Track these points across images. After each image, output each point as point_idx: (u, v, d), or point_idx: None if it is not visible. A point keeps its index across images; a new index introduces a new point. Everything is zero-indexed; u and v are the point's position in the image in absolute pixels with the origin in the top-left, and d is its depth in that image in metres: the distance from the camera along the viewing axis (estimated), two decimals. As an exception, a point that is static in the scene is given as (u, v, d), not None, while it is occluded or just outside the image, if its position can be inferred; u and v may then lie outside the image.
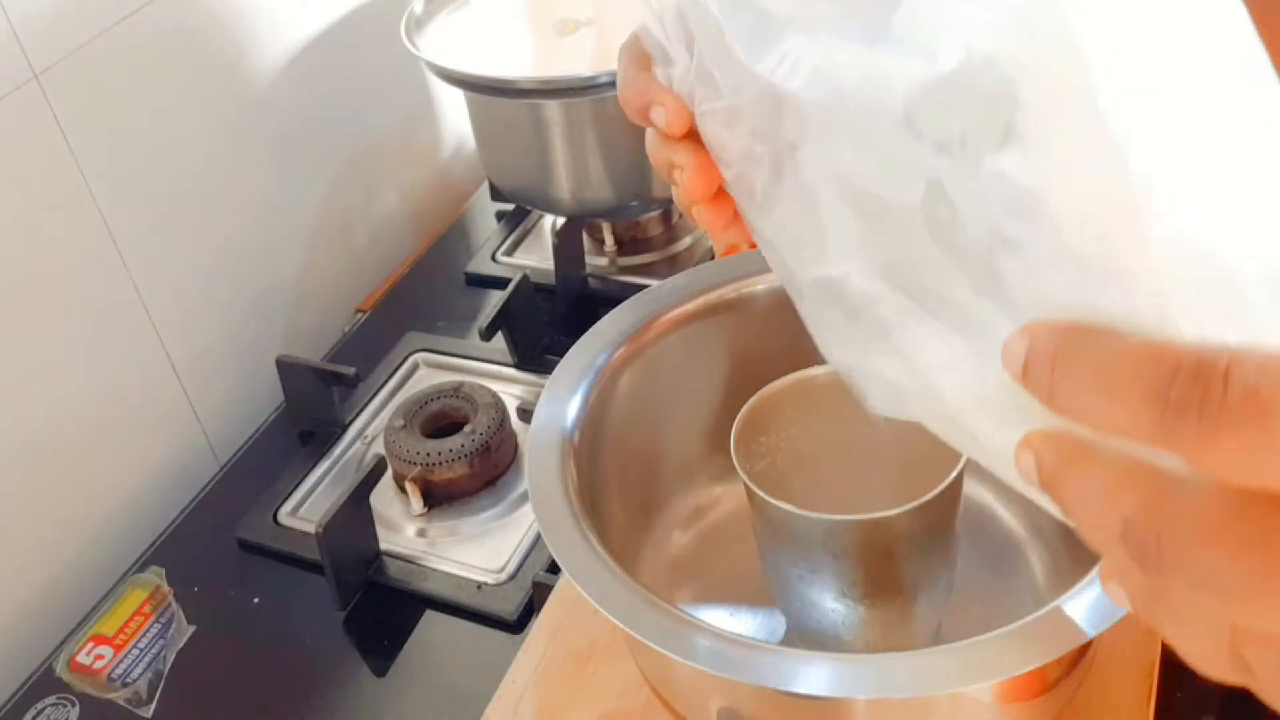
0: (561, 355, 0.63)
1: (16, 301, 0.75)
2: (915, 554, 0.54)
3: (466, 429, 0.80)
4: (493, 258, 1.03)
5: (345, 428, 0.88)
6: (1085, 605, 0.47)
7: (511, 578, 0.74)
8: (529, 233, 1.06)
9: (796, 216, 0.35)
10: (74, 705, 0.71)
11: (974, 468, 0.57)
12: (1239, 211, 0.24)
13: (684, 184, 0.40)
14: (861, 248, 0.33)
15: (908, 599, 0.56)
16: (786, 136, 0.34)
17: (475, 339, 0.90)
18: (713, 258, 0.90)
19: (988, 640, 0.46)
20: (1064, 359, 0.25)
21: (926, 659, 0.46)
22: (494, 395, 0.83)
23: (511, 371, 0.90)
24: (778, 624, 0.62)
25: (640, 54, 0.42)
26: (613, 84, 0.86)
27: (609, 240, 1.00)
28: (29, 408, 0.76)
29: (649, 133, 0.42)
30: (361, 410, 0.89)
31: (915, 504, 0.51)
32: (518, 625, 0.71)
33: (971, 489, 0.64)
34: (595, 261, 1.00)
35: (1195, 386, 0.22)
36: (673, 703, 0.57)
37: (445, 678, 0.70)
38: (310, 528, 0.76)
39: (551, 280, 0.95)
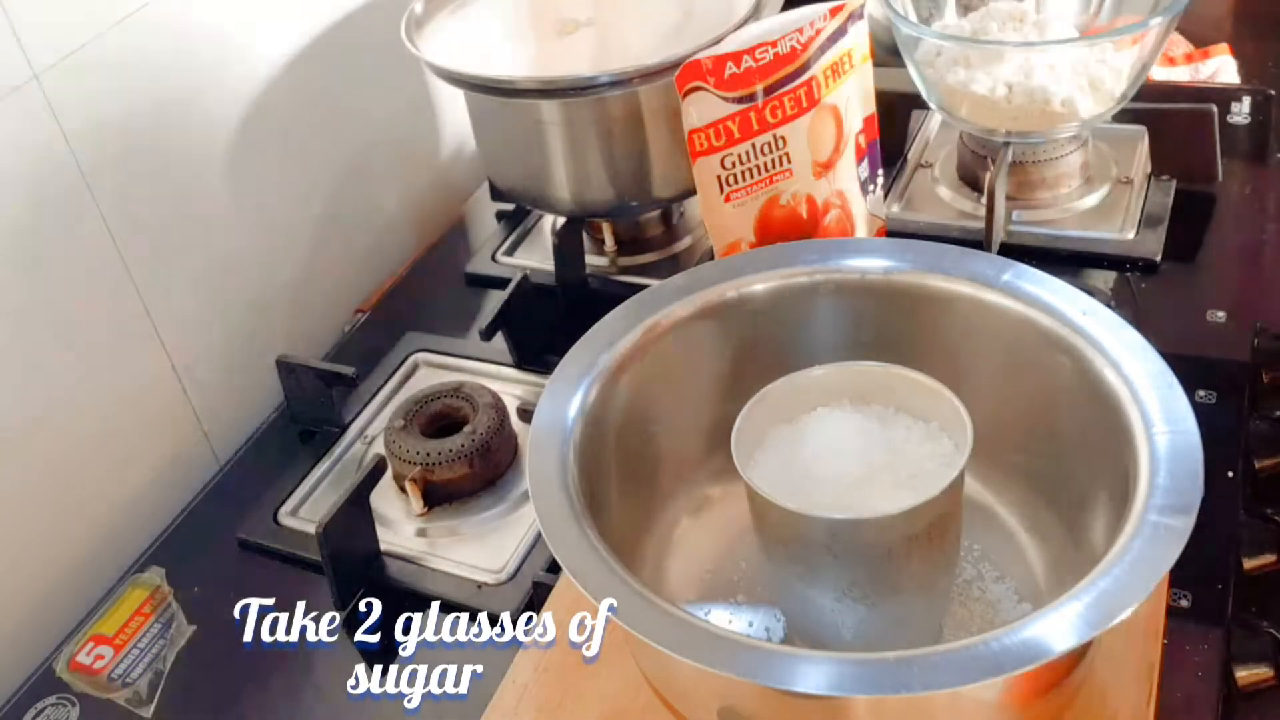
0: (561, 355, 0.63)
1: (16, 302, 0.75)
2: (915, 554, 0.54)
3: (466, 429, 0.80)
4: (493, 258, 1.03)
5: (345, 428, 0.88)
6: (1085, 605, 0.47)
7: (511, 578, 0.74)
8: (529, 233, 1.06)
9: None
10: (74, 705, 0.71)
11: (974, 468, 0.57)
12: None
13: None
14: None
15: (908, 599, 0.56)
16: None
17: (475, 339, 0.90)
18: (713, 258, 0.90)
19: (987, 640, 0.46)
20: None
21: (926, 659, 0.46)
22: (494, 395, 0.83)
23: (511, 371, 0.90)
24: (778, 624, 0.62)
25: None
26: (613, 84, 0.86)
27: (609, 240, 1.00)
28: (29, 408, 0.76)
29: None
30: (361, 410, 0.89)
31: (915, 504, 0.51)
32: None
33: (972, 489, 0.64)
34: (595, 261, 1.00)
35: None
36: (673, 702, 0.57)
37: (445, 678, 0.70)
38: (310, 528, 0.76)
39: (551, 280, 0.95)
